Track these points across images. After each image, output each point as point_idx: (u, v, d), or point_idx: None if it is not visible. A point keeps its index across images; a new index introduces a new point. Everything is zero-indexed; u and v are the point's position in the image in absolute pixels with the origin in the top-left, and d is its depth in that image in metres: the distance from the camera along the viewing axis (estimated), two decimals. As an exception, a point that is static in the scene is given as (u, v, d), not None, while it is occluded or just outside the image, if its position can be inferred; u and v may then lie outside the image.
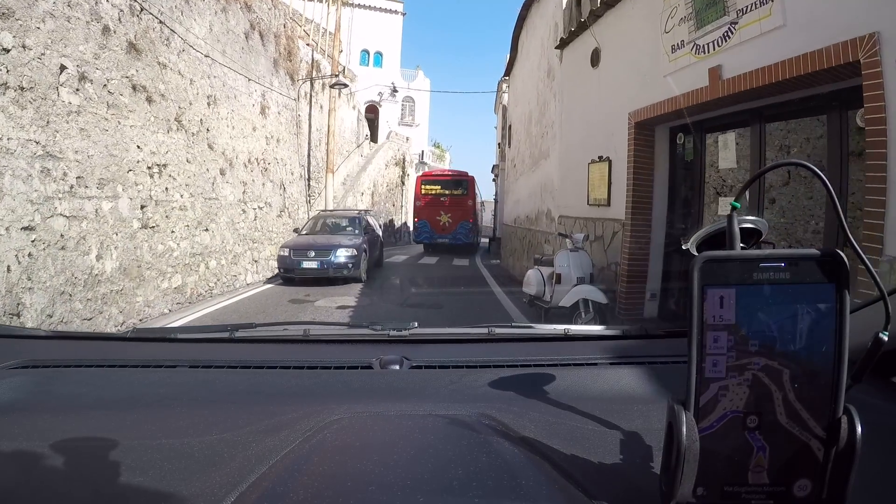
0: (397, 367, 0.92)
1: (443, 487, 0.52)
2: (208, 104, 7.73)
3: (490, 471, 0.54)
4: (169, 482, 0.54)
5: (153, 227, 6.16)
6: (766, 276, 0.40)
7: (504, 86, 14.55)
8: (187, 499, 0.51)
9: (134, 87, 6.30)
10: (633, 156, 4.20)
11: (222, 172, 7.74)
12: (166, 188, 6.46)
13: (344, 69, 18.68)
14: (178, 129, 6.91)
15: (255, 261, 8.40)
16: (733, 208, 0.47)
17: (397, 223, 22.32)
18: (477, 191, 19.37)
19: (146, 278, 5.97)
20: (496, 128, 21.11)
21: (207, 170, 7.38)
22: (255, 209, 8.55)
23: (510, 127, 11.96)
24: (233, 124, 8.30)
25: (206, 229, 7.18)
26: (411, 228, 23.24)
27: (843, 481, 0.41)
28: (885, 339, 0.45)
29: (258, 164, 8.96)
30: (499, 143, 15.25)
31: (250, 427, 0.67)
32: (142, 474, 0.55)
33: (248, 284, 8.06)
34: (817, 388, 0.40)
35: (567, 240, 4.34)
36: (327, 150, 13.22)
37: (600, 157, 4.81)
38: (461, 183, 16.09)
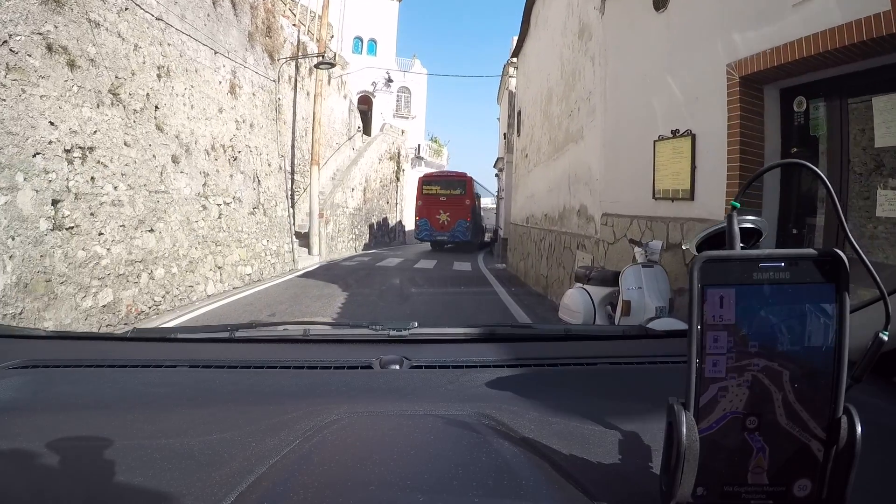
0: (397, 367, 0.90)
1: (443, 487, 0.52)
2: (159, 76, 6.33)
3: (490, 471, 0.54)
4: (169, 482, 0.53)
5: (71, 227, 4.75)
6: (765, 276, 0.39)
7: (511, 69, 13.16)
8: (187, 499, 0.50)
9: (49, 48, 4.89)
10: (740, 126, 2.86)
11: (175, 160, 6.34)
12: (92, 177, 5.06)
13: (335, 55, 17.29)
14: (113, 103, 5.50)
15: (219, 267, 7.00)
16: (733, 208, 0.47)
17: (392, 222, 21.01)
18: (476, 190, 18.46)
19: (59, 295, 4.57)
20: (499, 119, 19.81)
21: (154, 156, 5.98)
22: (219, 205, 7.14)
23: (519, 113, 10.58)
24: (192, 102, 6.89)
25: (151, 230, 5.78)
26: (407, 227, 22.33)
27: (843, 481, 0.40)
28: (885, 339, 0.44)
29: (225, 151, 7.55)
30: (504, 134, 13.88)
31: (250, 427, 0.66)
32: (141, 474, 0.54)
33: (208, 297, 6.65)
34: (817, 389, 0.40)
35: (637, 249, 2.97)
36: (312, 140, 11.81)
37: (675, 133, 3.45)
38: (459, 183, 16.99)
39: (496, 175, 18.74)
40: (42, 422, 0.68)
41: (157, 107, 6.18)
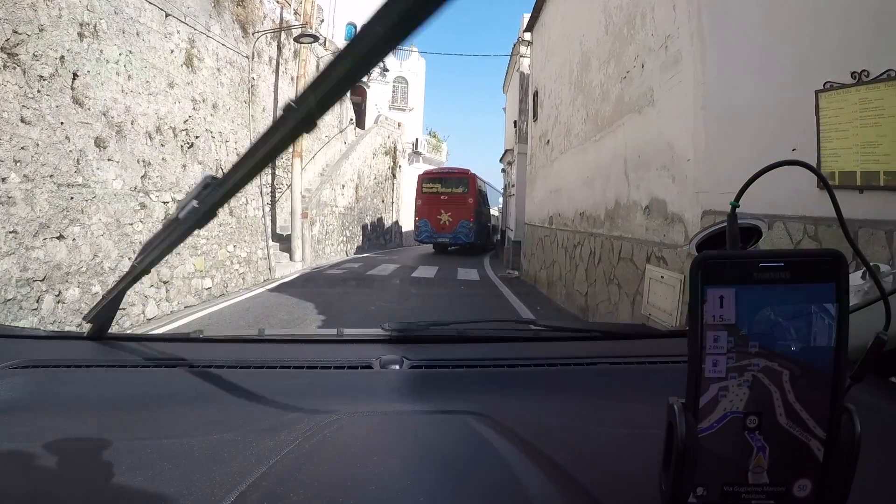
0: (397, 367, 0.92)
1: (443, 488, 0.53)
2: (80, 36, 4.96)
3: (490, 471, 0.55)
4: (169, 482, 0.53)
5: (-80, 234, 3.37)
6: (765, 275, 0.40)
7: (522, 48, 11.80)
8: (187, 499, 0.50)
9: None
10: None
11: (101, 144, 4.96)
12: (-38, 164, 3.68)
13: (325, 40, 15.96)
14: (6, 65, 4.13)
15: (165, 282, 5.62)
16: (733, 208, 0.47)
17: (388, 222, 19.64)
18: (481, 187, 17.23)
19: None
20: (504, 109, 18.50)
21: (68, 137, 4.61)
22: (165, 203, 5.77)
23: (536, 94, 9.22)
24: (129, 72, 5.53)
25: (60, 236, 4.41)
26: (405, 228, 21.05)
27: (843, 481, 0.41)
28: (885, 339, 0.45)
29: (176, 135, 6.18)
30: (515, 122, 12.51)
31: (250, 427, 0.66)
32: (141, 474, 0.55)
33: (148, 321, 5.27)
34: (817, 389, 0.40)
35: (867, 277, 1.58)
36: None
37: (860, 77, 2.07)
38: (462, 181, 16.12)
39: (503, 170, 17.40)
40: (42, 422, 0.69)
41: (75, 74, 4.81)
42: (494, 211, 21.99)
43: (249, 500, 0.48)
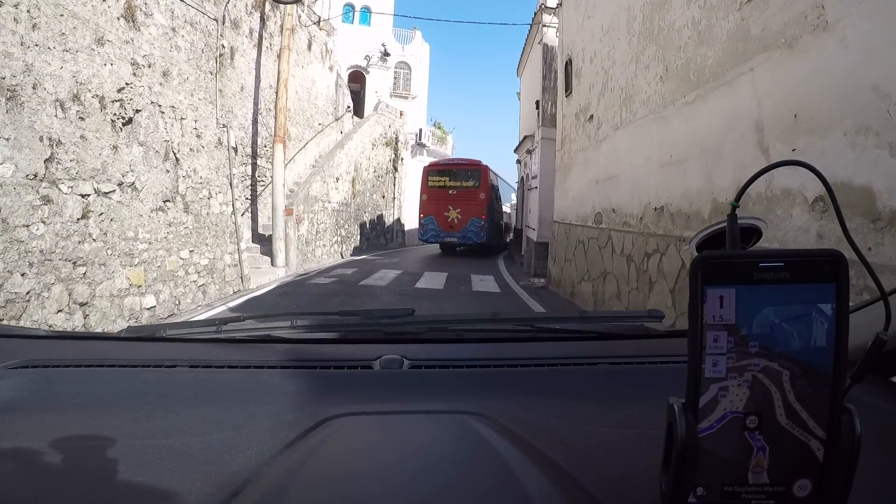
0: (397, 367, 0.94)
1: (443, 487, 0.54)
2: (-48, -40, 3.62)
3: (490, 471, 0.56)
4: (169, 482, 0.55)
5: None
6: (765, 275, 0.40)
7: (545, 17, 10.39)
8: (187, 499, 0.51)
9: None
10: None
11: (-23, 111, 3.61)
12: None
13: (320, 20, 14.64)
14: None
15: (82, 304, 4.28)
16: (733, 208, 0.48)
17: (388, 220, 18.30)
18: (493, 181, 15.86)
19: None
20: (518, 94, 17.12)
21: (-84, 99, 3.25)
22: (84, 196, 4.43)
23: (569, 64, 7.80)
24: (35, 20, 4.21)
25: None
26: (407, 227, 19.77)
27: (843, 481, 0.41)
28: (885, 339, 0.45)
29: (103, 106, 4.83)
30: (537, 102, 11.08)
31: (250, 427, 0.68)
32: (141, 474, 0.56)
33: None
34: (817, 389, 0.41)
35: None
36: (276, 109, 9.08)
37: None
38: (473, 173, 14.92)
39: (518, 161, 16.00)
40: (42, 422, 0.70)
41: (-62, 11, 3.47)
42: (506, 207, 20.64)
43: (249, 499, 0.50)
